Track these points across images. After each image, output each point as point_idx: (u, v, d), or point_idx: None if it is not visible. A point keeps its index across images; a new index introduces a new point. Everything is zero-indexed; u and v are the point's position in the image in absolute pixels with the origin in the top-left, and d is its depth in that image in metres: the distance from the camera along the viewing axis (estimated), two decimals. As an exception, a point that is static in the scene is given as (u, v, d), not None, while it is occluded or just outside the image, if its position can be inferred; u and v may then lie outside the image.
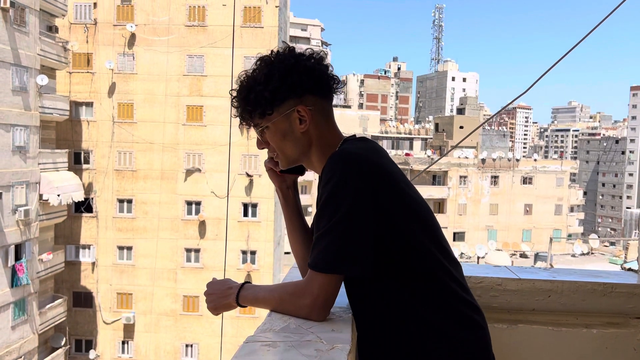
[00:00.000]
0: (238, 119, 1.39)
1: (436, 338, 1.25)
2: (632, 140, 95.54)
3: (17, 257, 21.84)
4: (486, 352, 1.32)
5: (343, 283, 1.30)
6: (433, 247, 1.28)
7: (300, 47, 1.39)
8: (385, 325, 1.27)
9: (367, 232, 1.20)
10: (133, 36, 27.64)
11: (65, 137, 27.42)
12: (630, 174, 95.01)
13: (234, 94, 1.37)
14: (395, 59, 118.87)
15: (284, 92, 1.31)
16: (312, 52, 1.36)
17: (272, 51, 1.36)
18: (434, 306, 1.26)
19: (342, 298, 1.36)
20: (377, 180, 1.22)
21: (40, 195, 23.22)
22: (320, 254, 1.20)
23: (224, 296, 1.34)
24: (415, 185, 1.38)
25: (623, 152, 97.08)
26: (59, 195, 23.71)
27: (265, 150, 1.48)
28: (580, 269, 1.92)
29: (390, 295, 1.26)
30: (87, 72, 27.89)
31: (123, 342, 28.22)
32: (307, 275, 1.23)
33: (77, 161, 27.81)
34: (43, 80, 22.83)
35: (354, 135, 1.40)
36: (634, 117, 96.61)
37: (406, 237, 1.25)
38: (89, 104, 28.02)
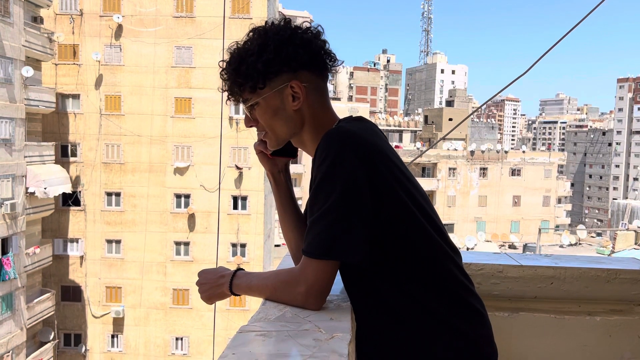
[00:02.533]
0: (226, 94, 1.30)
1: (438, 327, 1.19)
2: (618, 132, 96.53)
3: (4, 251, 21.60)
4: (489, 341, 1.27)
5: (339, 270, 1.24)
6: (432, 232, 1.22)
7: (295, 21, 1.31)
8: (384, 313, 1.21)
9: (364, 216, 1.13)
10: (120, 27, 27.30)
11: (51, 129, 27.09)
12: (617, 166, 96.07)
13: (223, 65, 1.28)
14: (384, 52, 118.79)
15: (278, 65, 1.22)
16: (310, 25, 1.28)
17: (266, 22, 1.28)
18: (435, 293, 1.20)
19: (340, 285, 1.30)
20: (374, 161, 1.15)
21: (27, 189, 22.95)
22: (314, 239, 1.13)
23: (217, 285, 1.27)
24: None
25: (610, 144, 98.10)
26: (45, 189, 23.45)
27: (254, 141, 1.39)
28: (583, 255, 1.88)
29: (388, 282, 1.20)
30: (74, 63, 27.53)
31: (112, 336, 28.08)
32: (301, 261, 1.16)
33: (64, 154, 27.50)
34: (28, 71, 22.49)
35: (350, 116, 1.33)
36: (620, 109, 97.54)
37: (405, 221, 1.19)
38: (76, 96, 27.69)
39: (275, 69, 1.23)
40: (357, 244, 1.13)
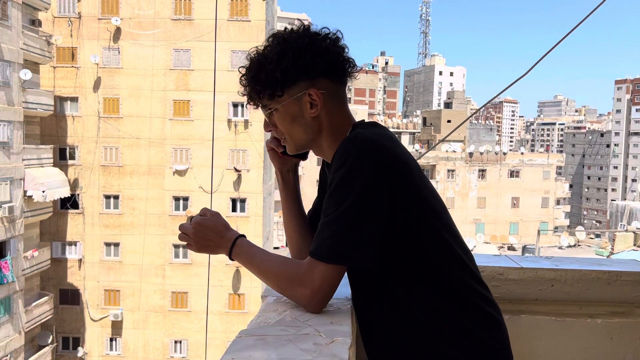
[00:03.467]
0: (246, 98, 1.31)
1: (453, 332, 1.19)
2: (616, 134, 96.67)
3: (2, 255, 21.55)
4: (505, 347, 1.26)
5: (346, 274, 1.23)
6: (449, 238, 1.22)
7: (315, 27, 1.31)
8: (394, 320, 1.21)
9: (377, 222, 1.13)
10: (118, 30, 27.30)
11: (50, 132, 27.05)
12: (615, 167, 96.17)
13: (243, 71, 1.29)
14: (382, 54, 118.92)
15: (296, 73, 1.23)
16: (328, 32, 1.28)
17: (285, 28, 1.29)
18: (449, 299, 1.20)
19: (339, 289, 1.29)
20: (392, 168, 1.15)
21: (25, 192, 22.91)
22: (324, 242, 1.12)
23: (216, 245, 1.25)
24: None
25: (608, 145, 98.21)
26: (43, 192, 23.41)
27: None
28: (584, 257, 1.87)
29: (402, 287, 1.20)
30: (72, 66, 27.51)
31: (111, 339, 28.01)
32: (308, 262, 1.15)
33: (63, 157, 27.46)
34: (26, 74, 22.47)
35: (363, 120, 1.33)
36: (618, 111, 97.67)
37: (421, 227, 1.19)
38: (74, 99, 27.66)
39: (294, 77, 1.24)
40: (364, 250, 1.12)
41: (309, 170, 43.88)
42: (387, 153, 1.16)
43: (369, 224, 1.12)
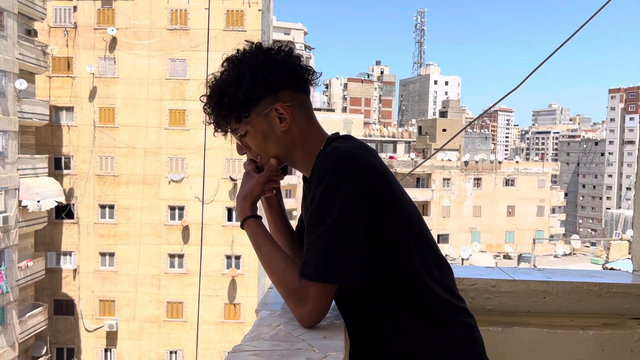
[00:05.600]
0: (213, 127, 1.31)
1: (424, 345, 1.20)
2: (611, 142, 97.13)
3: (-4, 265, 21.41)
4: (480, 357, 1.27)
5: None
6: (422, 251, 1.23)
7: (265, 42, 1.32)
8: (374, 331, 1.22)
9: (360, 237, 1.14)
10: (114, 40, 27.35)
11: (45, 142, 27.00)
12: (610, 175, 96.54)
13: (205, 99, 1.29)
14: (378, 63, 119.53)
15: (258, 91, 1.24)
16: (280, 44, 1.29)
17: (238, 50, 1.29)
18: (423, 313, 1.21)
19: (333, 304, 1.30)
20: (371, 181, 1.17)
21: (20, 202, 22.82)
22: (313, 261, 1.13)
23: (239, 205, 1.30)
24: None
25: (602, 154, 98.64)
26: (38, 202, 23.33)
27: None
28: (576, 269, 1.89)
29: (374, 299, 1.21)
30: (67, 76, 27.52)
31: (106, 350, 27.81)
32: (301, 282, 1.15)
33: (58, 167, 27.39)
34: (22, 84, 22.46)
35: (337, 133, 1.34)
36: (612, 119, 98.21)
37: (396, 240, 1.20)
38: (70, 109, 27.65)
39: (257, 96, 1.24)
40: (354, 266, 1.14)
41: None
42: (366, 166, 1.17)
43: (354, 239, 1.13)
